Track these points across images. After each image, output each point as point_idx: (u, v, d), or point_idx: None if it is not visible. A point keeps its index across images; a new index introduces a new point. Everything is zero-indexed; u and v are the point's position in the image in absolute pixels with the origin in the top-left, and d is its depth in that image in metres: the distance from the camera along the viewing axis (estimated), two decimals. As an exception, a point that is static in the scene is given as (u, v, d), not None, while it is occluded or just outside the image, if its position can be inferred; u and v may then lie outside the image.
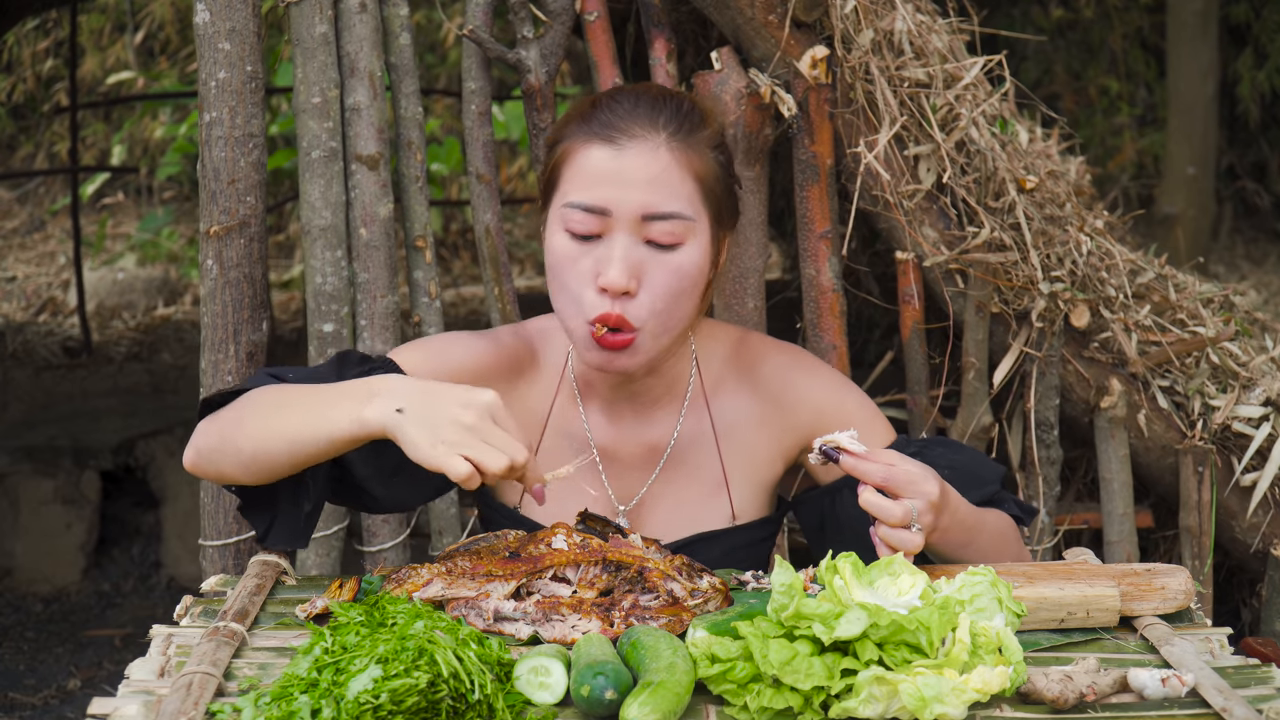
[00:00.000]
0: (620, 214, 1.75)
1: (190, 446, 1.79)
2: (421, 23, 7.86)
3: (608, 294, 1.75)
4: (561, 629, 1.62)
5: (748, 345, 2.00)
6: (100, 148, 8.74)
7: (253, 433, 1.72)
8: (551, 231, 1.81)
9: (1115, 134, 7.77)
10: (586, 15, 2.58)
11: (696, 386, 1.96)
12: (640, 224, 1.76)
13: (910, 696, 1.37)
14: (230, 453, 1.74)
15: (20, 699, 3.90)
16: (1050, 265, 2.58)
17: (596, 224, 1.76)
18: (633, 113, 1.79)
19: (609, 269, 1.74)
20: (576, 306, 1.78)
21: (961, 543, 1.79)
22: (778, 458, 1.98)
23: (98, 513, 4.77)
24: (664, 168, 1.76)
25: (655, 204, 1.76)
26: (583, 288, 1.77)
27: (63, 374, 5.85)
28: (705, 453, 1.95)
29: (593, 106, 1.82)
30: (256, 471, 1.74)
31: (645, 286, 1.77)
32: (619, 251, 1.75)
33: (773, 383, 1.96)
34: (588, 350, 1.80)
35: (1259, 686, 1.51)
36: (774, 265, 5.39)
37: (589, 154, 1.77)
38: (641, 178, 1.75)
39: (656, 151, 1.76)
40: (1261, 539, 2.69)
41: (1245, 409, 2.66)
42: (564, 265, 1.78)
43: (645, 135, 1.77)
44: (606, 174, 1.75)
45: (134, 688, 1.48)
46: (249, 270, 2.45)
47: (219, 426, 1.77)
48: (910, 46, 2.54)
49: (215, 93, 2.41)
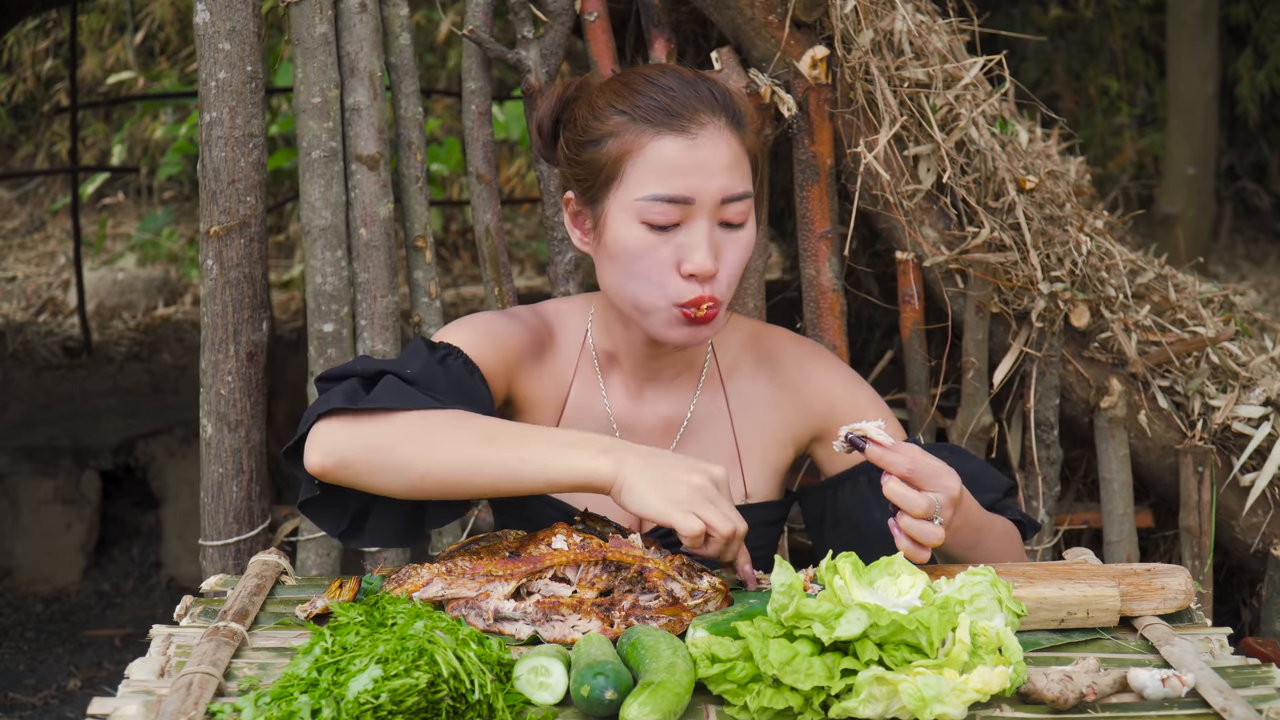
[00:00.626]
0: (703, 201, 1.80)
1: (324, 450, 1.74)
2: (421, 23, 7.86)
3: (696, 279, 1.80)
4: (561, 629, 1.62)
5: (766, 334, 2.06)
6: (100, 148, 8.73)
7: (438, 457, 1.72)
8: (623, 224, 1.82)
9: (1115, 134, 7.77)
10: (586, 15, 2.58)
11: (712, 366, 2.01)
12: (718, 208, 1.81)
13: (910, 696, 1.37)
14: (391, 469, 1.73)
15: (20, 699, 3.90)
16: (1050, 265, 2.58)
17: (679, 213, 1.80)
18: (690, 99, 1.82)
19: (696, 255, 1.79)
20: (659, 291, 1.82)
21: (970, 543, 1.81)
22: (789, 442, 2.01)
23: (98, 513, 4.77)
24: (733, 151, 1.82)
25: (731, 187, 1.81)
26: (665, 275, 1.81)
27: (63, 374, 5.85)
28: (720, 430, 1.99)
29: (637, 94, 1.84)
30: (421, 491, 1.74)
31: (722, 264, 1.82)
32: (704, 238, 1.80)
33: (789, 369, 2.01)
34: (671, 328, 1.84)
35: (1259, 686, 1.51)
36: (774, 265, 5.38)
37: (661, 146, 1.80)
38: (718, 164, 1.80)
39: (723, 135, 1.81)
40: (1261, 539, 2.69)
41: (1245, 409, 2.66)
42: (642, 256, 1.82)
43: (709, 120, 1.81)
44: (685, 165, 1.79)
45: (134, 688, 1.48)
46: (249, 270, 2.45)
47: (368, 439, 1.74)
48: (910, 46, 2.54)
49: (215, 93, 2.41)
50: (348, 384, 1.80)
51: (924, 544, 1.66)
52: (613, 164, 1.82)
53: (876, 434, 1.69)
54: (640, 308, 1.85)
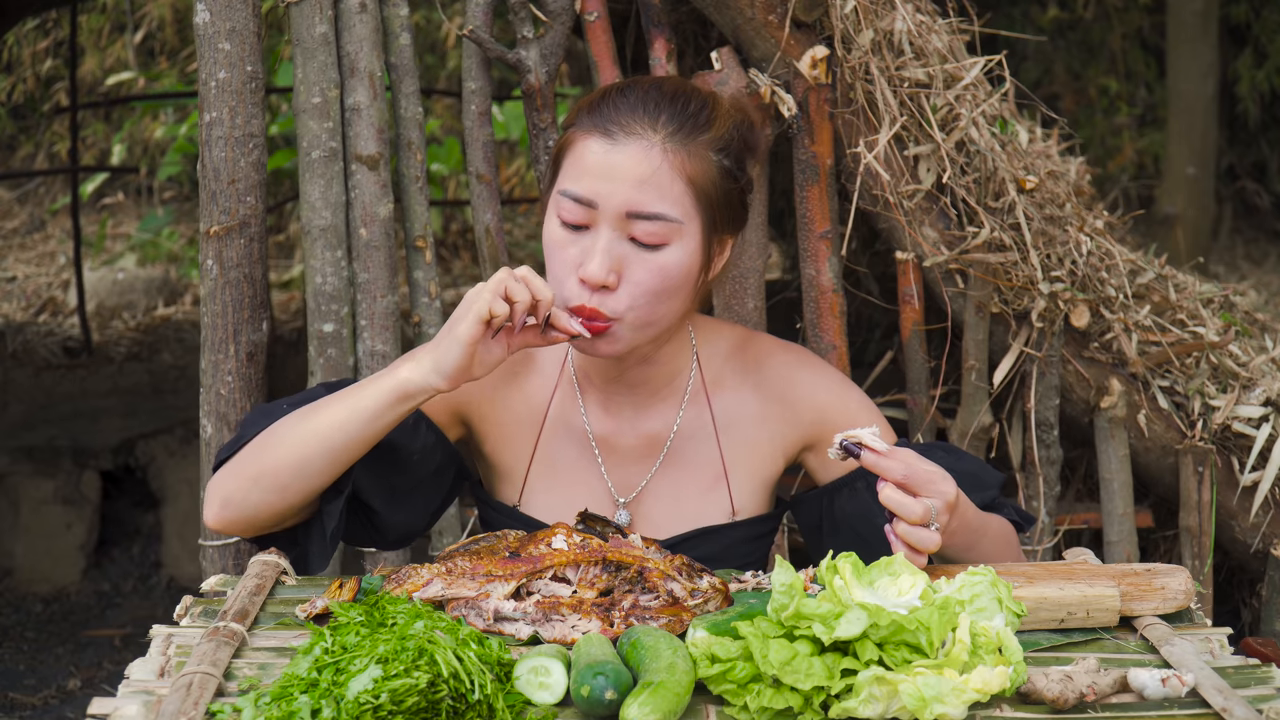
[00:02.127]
0: (606, 209, 1.77)
1: (213, 502, 1.83)
2: (421, 23, 7.86)
3: (586, 286, 1.78)
4: (561, 629, 1.62)
5: (751, 344, 2.01)
6: (100, 148, 8.73)
7: (285, 450, 1.79)
8: (548, 215, 1.84)
9: (1115, 134, 7.76)
10: (586, 15, 2.58)
11: (697, 381, 1.97)
12: (625, 221, 1.77)
13: (910, 696, 1.37)
14: (261, 483, 1.79)
15: (20, 699, 3.90)
16: (1050, 265, 2.58)
17: (584, 215, 1.78)
18: (635, 109, 1.79)
19: (589, 262, 1.77)
20: (559, 290, 1.81)
21: (966, 545, 1.80)
22: (779, 454, 1.98)
23: (98, 513, 4.77)
24: (654, 169, 1.77)
25: (640, 203, 1.76)
26: (567, 275, 1.80)
27: (63, 374, 5.85)
28: (705, 447, 1.96)
29: (602, 96, 1.84)
30: (295, 490, 1.79)
31: (626, 281, 1.78)
32: (600, 245, 1.77)
33: (776, 380, 1.97)
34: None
35: (1259, 686, 1.51)
36: (774, 265, 5.38)
37: (587, 145, 1.79)
38: (631, 176, 1.76)
39: (649, 152, 1.77)
40: (1261, 539, 2.69)
41: (1245, 409, 2.66)
42: (553, 250, 1.82)
43: (641, 134, 1.77)
44: (598, 167, 1.77)
45: (134, 688, 1.48)
46: (249, 270, 2.45)
47: (238, 469, 1.82)
48: (910, 47, 2.54)
49: (215, 93, 2.41)
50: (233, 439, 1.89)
51: (921, 550, 1.65)
52: (557, 155, 1.85)
53: (871, 440, 1.68)
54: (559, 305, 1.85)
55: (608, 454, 1.96)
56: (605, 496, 1.95)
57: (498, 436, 1.98)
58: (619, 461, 1.96)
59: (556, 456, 1.96)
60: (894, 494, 1.65)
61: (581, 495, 1.93)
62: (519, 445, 1.97)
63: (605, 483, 1.95)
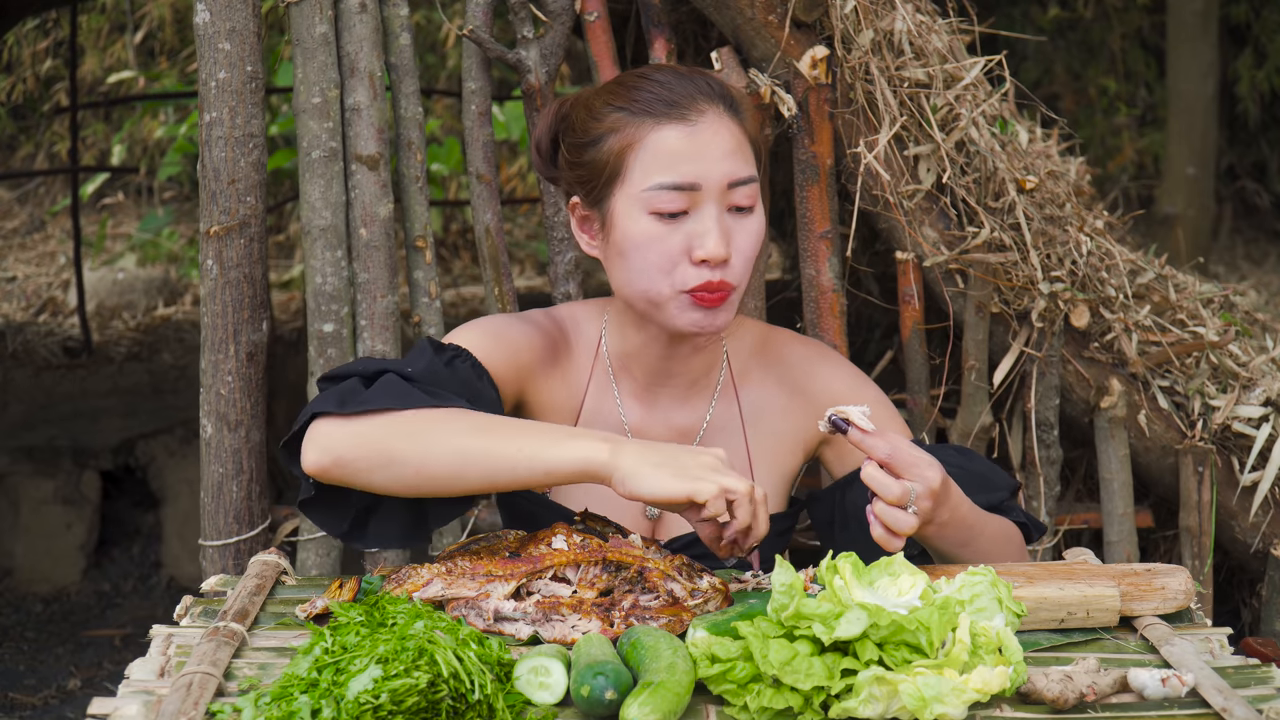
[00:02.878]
0: (709, 186, 1.81)
1: (323, 454, 1.74)
2: (421, 23, 7.86)
3: (708, 265, 1.80)
4: (561, 629, 1.62)
5: (773, 338, 2.06)
6: (100, 148, 8.73)
7: (439, 457, 1.72)
8: (631, 218, 1.83)
9: (1115, 134, 7.76)
10: (586, 15, 2.58)
11: (726, 375, 2.00)
12: (725, 193, 1.82)
13: (910, 696, 1.37)
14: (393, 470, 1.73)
15: (20, 699, 3.90)
16: (1050, 265, 2.58)
17: (686, 200, 1.81)
18: (686, 89, 1.84)
19: (707, 241, 1.80)
20: (667, 280, 1.82)
21: (960, 541, 1.80)
22: (799, 448, 2.01)
23: (98, 513, 4.77)
24: (734, 136, 1.84)
25: (736, 171, 1.83)
26: (675, 264, 1.81)
27: (63, 374, 5.85)
28: (733, 440, 1.98)
29: (633, 91, 1.85)
30: (418, 488, 1.74)
31: (734, 251, 1.83)
32: (713, 224, 1.81)
33: (796, 373, 2.01)
34: (684, 313, 1.83)
35: (1259, 686, 1.51)
36: (774, 265, 5.38)
37: (663, 135, 1.81)
38: (721, 149, 1.82)
39: (723, 121, 1.83)
40: (1261, 539, 2.69)
41: (1245, 409, 2.66)
42: (650, 245, 1.82)
43: (708, 108, 1.83)
44: (688, 151, 1.81)
45: (134, 688, 1.48)
46: (249, 270, 2.45)
47: (367, 440, 1.74)
48: (910, 47, 2.54)
49: (215, 93, 2.41)
50: (346, 384, 1.80)
51: (896, 531, 1.67)
52: (615, 160, 1.83)
53: (859, 418, 1.68)
54: (652, 299, 1.85)
55: None
56: None
57: (539, 418, 1.98)
58: None
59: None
60: (875, 472, 1.67)
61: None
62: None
63: None
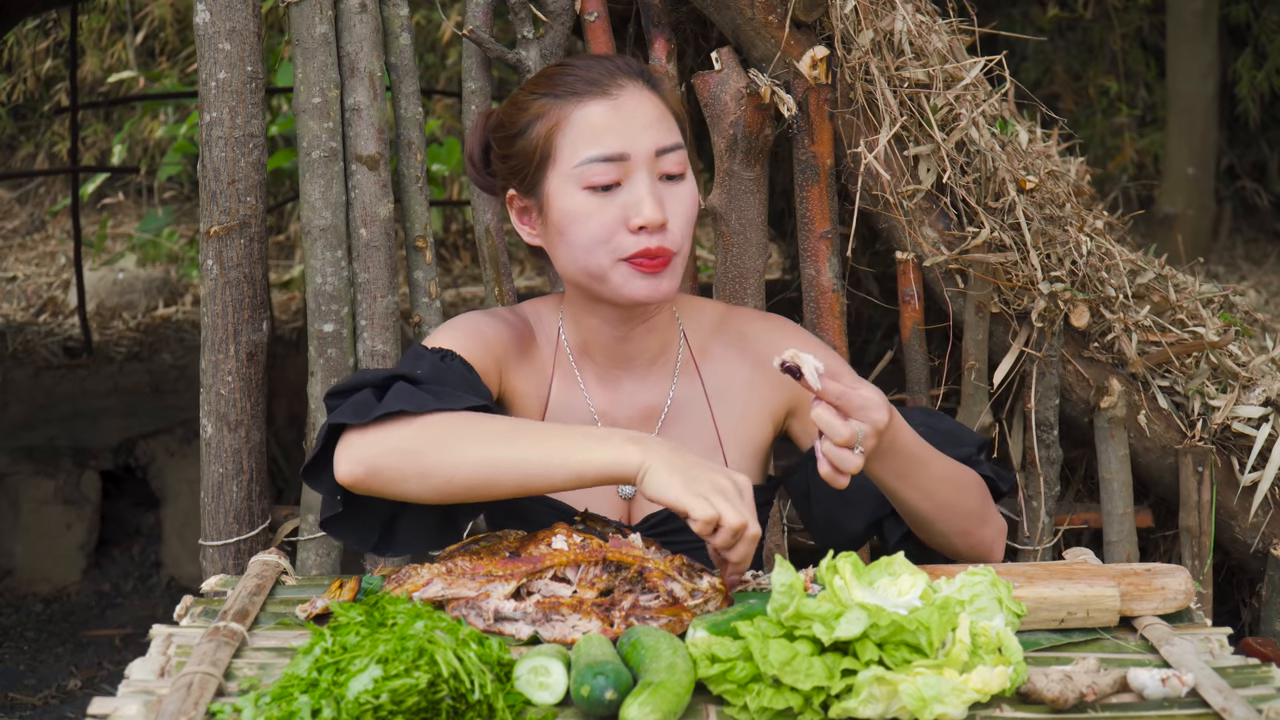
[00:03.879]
0: (638, 155, 1.85)
1: (355, 465, 1.75)
2: (421, 23, 7.86)
3: (646, 231, 1.84)
4: (561, 629, 1.62)
5: (733, 316, 2.08)
6: (100, 148, 8.73)
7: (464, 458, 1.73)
8: (565, 195, 1.86)
9: (1115, 134, 7.75)
10: (586, 15, 2.58)
11: (685, 353, 2.03)
12: (654, 160, 1.86)
13: (910, 696, 1.37)
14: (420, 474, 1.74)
15: (20, 699, 3.90)
16: (1050, 265, 2.58)
17: (616, 171, 1.84)
18: (605, 69, 1.90)
19: (643, 208, 1.84)
20: (607, 251, 1.85)
21: (899, 473, 1.83)
22: (767, 420, 2.03)
23: (98, 513, 4.77)
24: (656, 105, 1.89)
25: (662, 138, 1.87)
26: (613, 234, 1.85)
27: (63, 374, 5.84)
28: (699, 416, 2.01)
29: (554, 78, 1.91)
30: (449, 494, 1.75)
31: (670, 216, 1.86)
32: (645, 189, 1.85)
33: (759, 345, 2.02)
34: (628, 283, 1.86)
35: (1259, 686, 1.51)
36: (774, 265, 5.38)
37: (587, 111, 1.86)
38: (645, 118, 1.87)
39: (644, 93, 1.89)
40: (1261, 539, 2.69)
41: (1245, 409, 2.66)
42: (586, 220, 1.85)
43: (628, 83, 1.89)
44: (613, 123, 1.85)
45: (134, 688, 1.48)
46: (249, 270, 2.45)
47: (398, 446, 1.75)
48: (910, 47, 2.54)
49: (215, 93, 2.41)
50: (359, 395, 1.81)
51: (842, 470, 1.71)
52: (544, 142, 1.88)
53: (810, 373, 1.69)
54: (594, 273, 1.87)
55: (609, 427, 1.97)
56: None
57: (513, 410, 2.01)
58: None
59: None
60: (824, 413, 1.71)
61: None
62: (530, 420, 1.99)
63: None
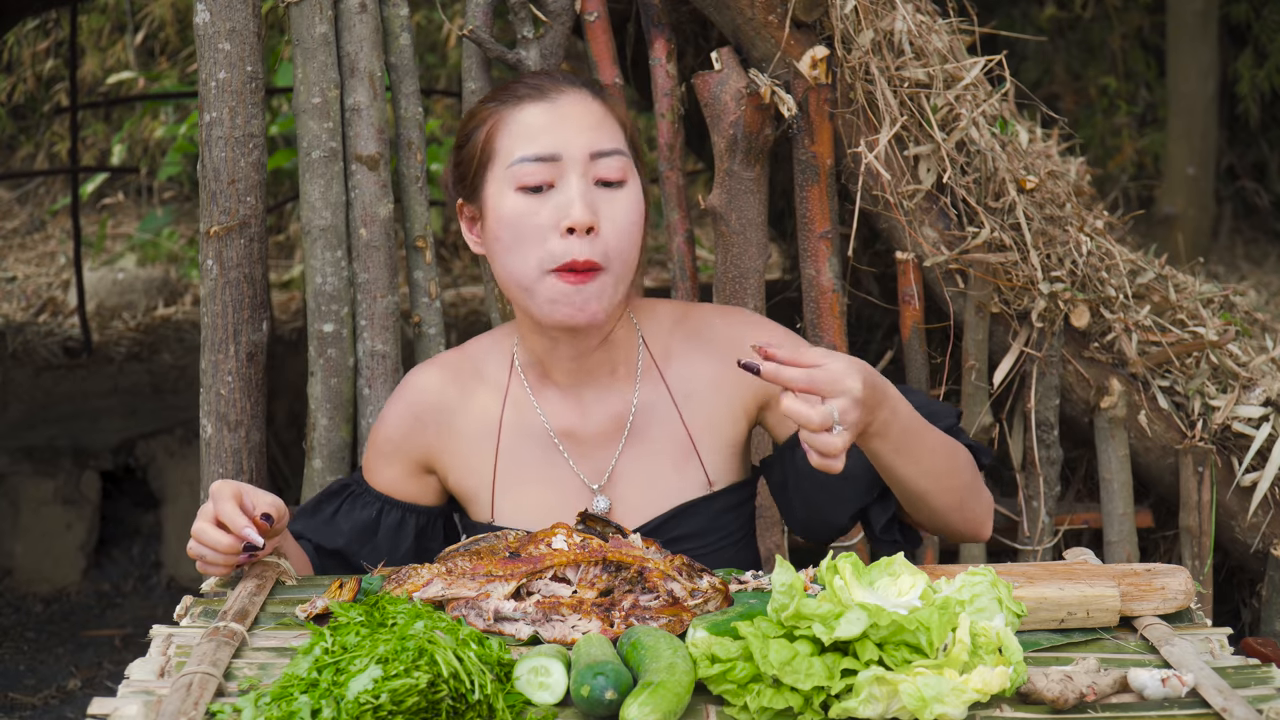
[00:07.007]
0: (570, 156, 1.82)
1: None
2: (421, 23, 7.86)
3: (574, 234, 1.80)
4: (561, 629, 1.62)
5: (691, 314, 2.04)
6: (100, 148, 8.73)
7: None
8: (499, 197, 1.85)
9: (1115, 134, 7.75)
10: (586, 15, 2.58)
11: (646, 357, 1.98)
12: (589, 163, 1.83)
13: (910, 697, 1.37)
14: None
15: (20, 699, 3.90)
16: (1050, 265, 2.58)
17: (547, 172, 1.82)
18: (553, 78, 1.90)
19: (572, 210, 1.81)
20: (538, 260, 1.82)
21: (898, 449, 1.76)
22: (739, 416, 1.99)
23: (98, 513, 4.77)
24: (597, 111, 1.87)
25: (599, 142, 1.84)
26: (544, 239, 1.82)
27: (63, 374, 5.85)
28: (668, 421, 1.96)
29: (504, 88, 1.92)
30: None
31: (605, 221, 1.83)
32: (575, 191, 1.82)
33: (722, 342, 1.98)
34: (553, 304, 1.83)
35: (1259, 686, 1.51)
36: (774, 265, 5.38)
37: (523, 113, 1.85)
38: (582, 121, 1.85)
39: (586, 98, 1.88)
40: (1261, 539, 2.69)
41: (1245, 409, 2.66)
42: (520, 222, 1.83)
43: (570, 90, 1.87)
44: (547, 124, 1.84)
45: (134, 688, 1.48)
46: (249, 270, 2.45)
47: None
48: (910, 47, 2.54)
49: (215, 93, 2.41)
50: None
51: (829, 454, 1.63)
52: (485, 145, 1.87)
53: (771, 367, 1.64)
54: (524, 285, 1.84)
55: (572, 445, 1.96)
56: (578, 487, 1.95)
57: (458, 466, 1.99)
58: (585, 450, 1.96)
59: (521, 461, 1.96)
60: (791, 403, 1.63)
61: (553, 492, 1.94)
62: (479, 463, 1.98)
63: (575, 474, 1.95)
